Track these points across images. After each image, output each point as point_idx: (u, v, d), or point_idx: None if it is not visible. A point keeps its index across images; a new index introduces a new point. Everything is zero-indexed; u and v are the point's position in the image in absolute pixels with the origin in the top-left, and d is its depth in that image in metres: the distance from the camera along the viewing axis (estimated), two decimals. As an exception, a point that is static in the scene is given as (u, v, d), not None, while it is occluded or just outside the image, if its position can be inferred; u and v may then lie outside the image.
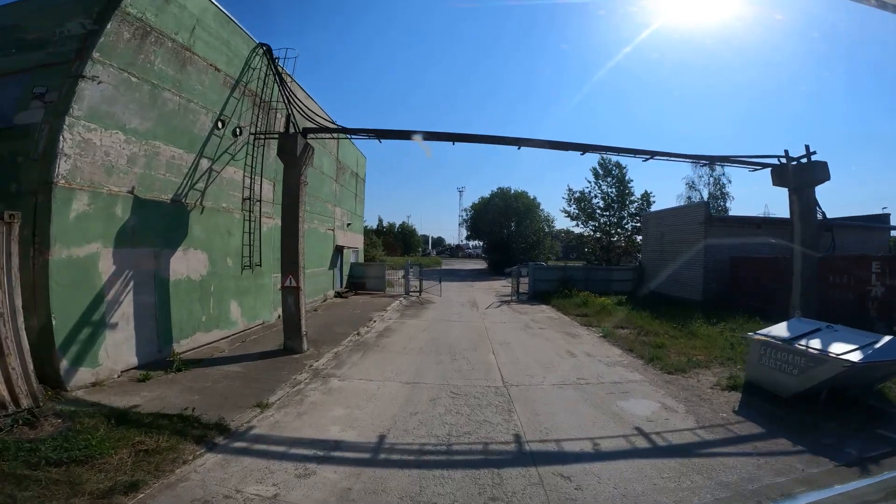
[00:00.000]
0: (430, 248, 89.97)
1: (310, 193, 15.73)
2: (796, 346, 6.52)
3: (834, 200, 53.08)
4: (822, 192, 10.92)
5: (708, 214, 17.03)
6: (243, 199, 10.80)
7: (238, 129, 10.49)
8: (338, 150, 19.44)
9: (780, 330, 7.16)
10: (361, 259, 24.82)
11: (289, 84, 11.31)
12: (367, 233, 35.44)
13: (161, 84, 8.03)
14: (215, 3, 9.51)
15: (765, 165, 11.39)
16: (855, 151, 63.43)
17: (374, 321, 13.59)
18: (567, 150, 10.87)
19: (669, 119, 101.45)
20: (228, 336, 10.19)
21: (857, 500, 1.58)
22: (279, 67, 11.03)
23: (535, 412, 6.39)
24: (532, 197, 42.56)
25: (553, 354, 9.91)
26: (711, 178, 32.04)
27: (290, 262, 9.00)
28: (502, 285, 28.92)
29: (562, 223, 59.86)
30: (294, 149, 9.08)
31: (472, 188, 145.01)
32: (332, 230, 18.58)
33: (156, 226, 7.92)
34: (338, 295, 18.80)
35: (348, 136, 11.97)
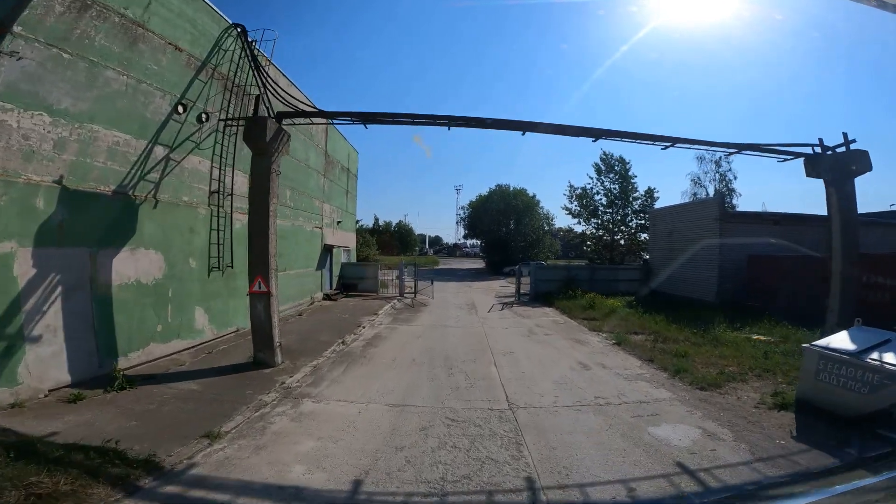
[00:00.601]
0: (427, 247, 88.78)
1: (295, 188, 14.50)
2: (867, 360, 5.37)
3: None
4: (815, 190, 9.74)
5: (723, 210, 15.91)
6: (211, 193, 9.55)
7: (204, 115, 9.24)
8: (326, 142, 18.21)
9: (841, 341, 5.98)
10: (354, 259, 23.58)
11: (265, 67, 10.05)
12: (361, 232, 34.19)
13: (103, 62, 6.84)
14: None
15: (797, 155, 10.22)
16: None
17: (363, 327, 12.35)
18: (577, 135, 9.68)
19: (669, 118, 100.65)
20: (193, 346, 8.94)
21: (857, 499, 1.62)
22: (254, 49, 9.79)
23: (549, 445, 5.19)
24: (531, 194, 41.50)
25: (564, 366, 8.70)
26: (717, 175, 31.00)
27: (258, 263, 7.76)
28: (501, 286, 27.75)
29: (562, 221, 58.89)
30: (263, 133, 7.84)
31: (469, 186, 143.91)
32: (320, 228, 17.33)
33: (92, 222, 6.67)
34: (327, 297, 17.54)
35: (330, 122, 10.74)
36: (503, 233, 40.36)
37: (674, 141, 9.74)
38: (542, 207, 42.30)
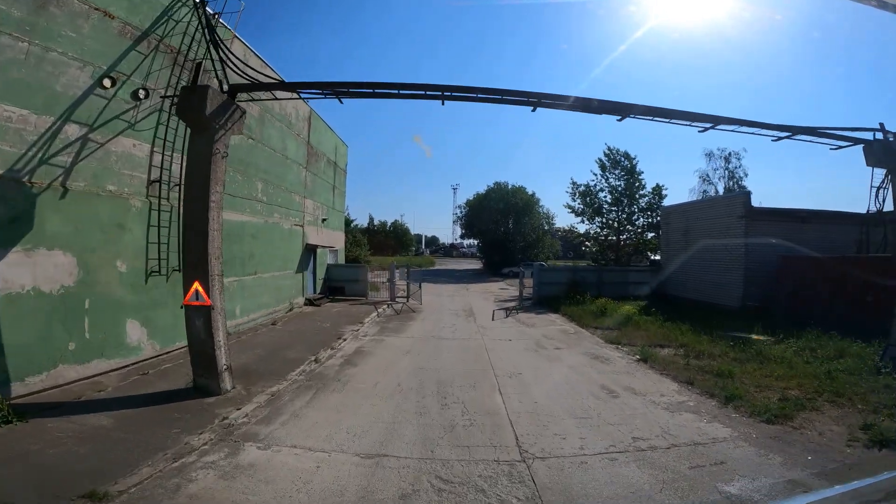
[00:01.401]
0: (423, 247, 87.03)
1: (269, 181, 12.80)
2: None
3: (838, 198, 51.04)
4: (825, 190, 8.22)
5: (749, 206, 14.31)
6: (150, 182, 7.82)
7: (142, 91, 7.55)
8: (309, 133, 16.50)
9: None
10: (342, 260, 21.84)
11: (228, 42, 8.35)
12: (352, 231, 32.38)
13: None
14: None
15: (856, 141, 8.65)
16: (858, 152, 61.90)
17: (344, 339, 10.65)
18: (601, 112, 8.04)
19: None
20: (125, 367, 7.21)
21: (857, 499, 1.59)
22: (210, 16, 8.11)
23: (587, 532, 3.53)
24: (531, 192, 39.89)
25: (584, 392, 7.04)
26: (727, 171, 29.50)
27: (195, 266, 6.07)
28: (501, 288, 26.11)
29: (562, 220, 57.19)
30: (202, 105, 6.14)
31: (466, 186, 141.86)
32: (301, 226, 15.60)
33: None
34: (309, 303, 15.81)
35: (297, 95, 9.04)
36: (501, 232, 38.76)
37: (715, 121, 8.12)
38: (542, 206, 40.78)
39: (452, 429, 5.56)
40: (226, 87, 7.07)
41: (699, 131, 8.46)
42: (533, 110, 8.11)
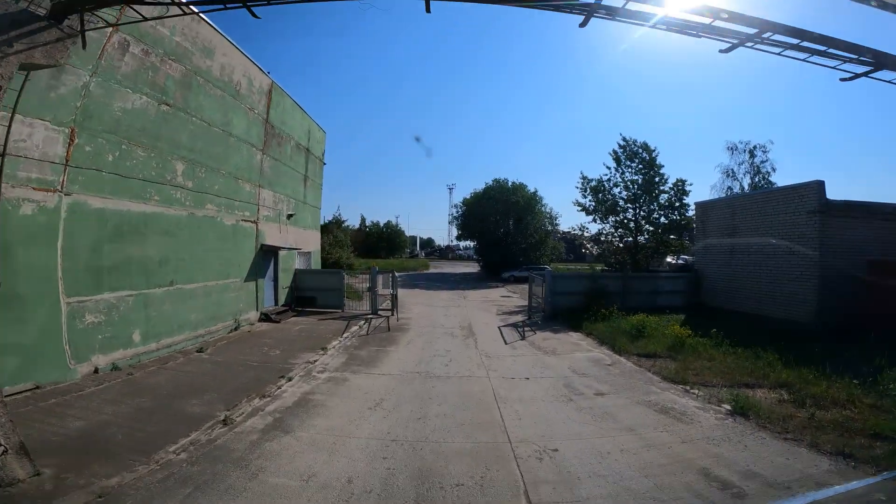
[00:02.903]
0: (418, 249, 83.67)
1: (197, 162, 9.55)
2: None
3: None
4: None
5: (824, 199, 11.24)
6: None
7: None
8: (269, 108, 13.28)
9: None
10: (317, 264, 18.56)
11: None
12: (328, 228, 28.69)
13: None
14: None
15: None
16: (860, 153, 60.47)
17: (290, 379, 7.41)
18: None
19: (666, 117, 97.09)
20: None
21: (857, 499, 1.64)
22: None
23: None
24: (533, 190, 36.68)
25: (682, 494, 3.87)
26: (752, 166, 26.46)
27: None
28: (502, 295, 22.91)
29: (566, 221, 53.88)
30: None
31: (463, 186, 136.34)
32: (254, 222, 12.33)
33: None
34: (265, 318, 12.52)
35: (190, 11, 5.73)
36: (501, 233, 35.48)
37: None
38: (546, 205, 37.55)
39: None
40: None
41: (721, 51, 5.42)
42: (583, 24, 4.95)
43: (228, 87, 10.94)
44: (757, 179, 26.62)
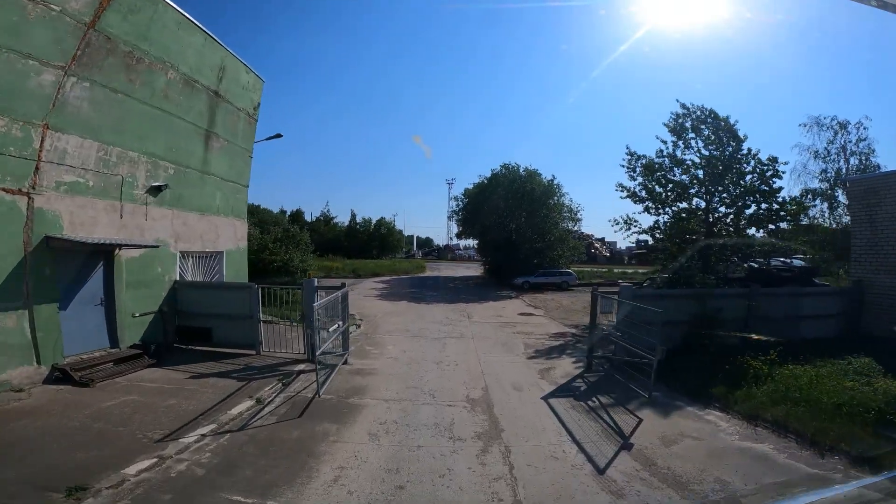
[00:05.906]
0: (415, 249, 77.16)
1: None
2: None
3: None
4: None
5: None
6: None
7: None
8: (104, 7, 6.84)
9: None
10: (239, 272, 11.99)
11: None
12: (273, 219, 21.43)
13: None
14: None
15: None
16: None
17: None
18: None
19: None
20: None
21: (857, 500, 1.62)
22: None
23: None
24: (549, 179, 30.28)
25: None
26: (845, 143, 19.94)
27: None
28: (521, 312, 16.46)
29: (591, 216, 47.34)
30: None
31: (463, 180, 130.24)
32: (25, 194, 5.89)
33: None
34: (63, 377, 6.05)
35: None
36: (511, 230, 28.99)
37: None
38: (566, 195, 31.09)
39: None
40: None
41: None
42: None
43: None
44: (853, 161, 20.22)
